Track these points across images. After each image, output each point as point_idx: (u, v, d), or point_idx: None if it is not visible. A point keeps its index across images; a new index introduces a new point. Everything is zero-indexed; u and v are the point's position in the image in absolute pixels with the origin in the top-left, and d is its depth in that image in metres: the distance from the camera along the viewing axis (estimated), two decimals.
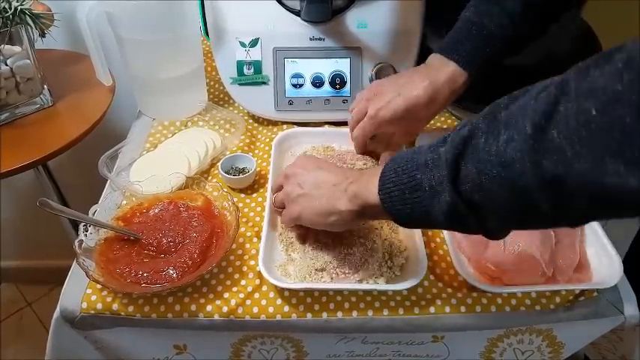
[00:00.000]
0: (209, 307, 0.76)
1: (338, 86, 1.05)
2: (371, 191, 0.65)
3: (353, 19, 1.02)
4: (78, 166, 1.51)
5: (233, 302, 0.77)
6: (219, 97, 1.17)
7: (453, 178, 0.54)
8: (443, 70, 0.85)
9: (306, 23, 1.02)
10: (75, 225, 0.80)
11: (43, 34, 1.11)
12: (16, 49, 1.05)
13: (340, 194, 0.70)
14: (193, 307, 0.76)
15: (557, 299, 0.77)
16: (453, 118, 1.09)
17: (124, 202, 0.88)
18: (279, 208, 0.82)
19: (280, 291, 0.78)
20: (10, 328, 1.91)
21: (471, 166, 0.52)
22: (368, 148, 0.93)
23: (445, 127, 1.08)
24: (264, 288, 0.79)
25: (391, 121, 0.86)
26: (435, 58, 0.87)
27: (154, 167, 0.94)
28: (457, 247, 0.82)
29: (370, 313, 0.76)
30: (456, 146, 0.54)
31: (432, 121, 1.08)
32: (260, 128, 1.09)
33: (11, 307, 1.97)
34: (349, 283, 0.77)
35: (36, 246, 1.87)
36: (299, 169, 0.78)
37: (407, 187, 0.59)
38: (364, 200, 0.67)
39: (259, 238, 0.83)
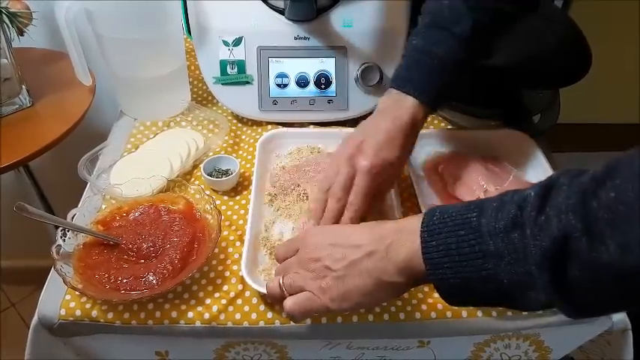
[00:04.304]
0: (190, 314, 0.75)
1: (323, 86, 1.03)
2: (419, 265, 0.56)
3: (338, 17, 1.01)
4: (59, 167, 1.49)
5: (215, 308, 0.75)
6: (202, 97, 1.15)
7: (553, 281, 0.47)
8: (403, 108, 0.80)
9: (290, 22, 1.01)
10: (58, 226, 0.78)
11: (21, 33, 1.09)
12: None
13: (384, 263, 0.59)
14: (174, 314, 0.75)
15: None
16: (445, 122, 1.08)
17: (104, 205, 0.86)
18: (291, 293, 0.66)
19: (263, 297, 0.76)
20: None
21: (577, 273, 0.46)
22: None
23: (427, 125, 1.07)
24: (247, 293, 0.77)
25: (383, 170, 0.79)
26: (391, 95, 0.82)
27: (135, 169, 0.92)
28: None
29: (355, 319, 0.75)
30: (547, 249, 0.46)
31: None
32: (244, 129, 1.07)
33: None
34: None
35: (19, 246, 1.85)
36: (316, 248, 0.65)
37: (473, 277, 0.52)
38: (415, 274, 0.57)
39: (242, 242, 0.82)
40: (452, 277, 0.53)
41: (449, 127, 1.06)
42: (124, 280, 0.75)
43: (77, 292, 0.74)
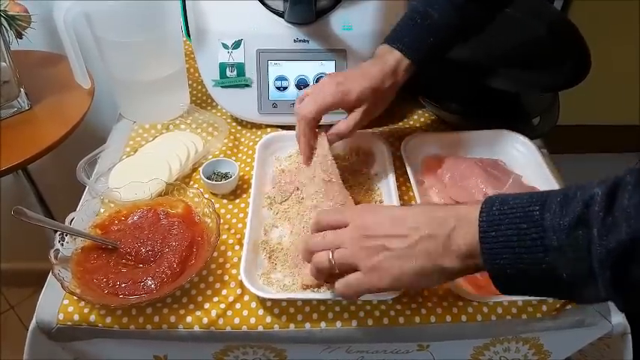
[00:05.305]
0: (189, 319, 0.74)
1: None
2: (476, 254, 0.57)
3: (338, 20, 1.00)
4: (58, 170, 1.49)
5: (214, 313, 0.75)
6: (201, 100, 1.15)
7: (613, 280, 0.48)
8: (389, 57, 0.86)
9: (290, 25, 1.00)
10: (56, 230, 0.78)
11: (19, 36, 1.08)
12: None
13: (445, 248, 0.59)
14: (173, 319, 0.74)
15: (544, 308, 0.76)
16: (444, 124, 1.08)
17: (102, 209, 0.86)
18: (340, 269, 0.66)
19: (262, 301, 0.76)
20: None
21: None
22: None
23: (427, 128, 1.06)
24: (246, 298, 0.77)
25: (358, 100, 0.85)
26: (381, 48, 0.88)
27: (133, 172, 0.92)
28: None
29: (354, 323, 0.75)
30: (613, 249, 0.47)
31: (418, 124, 1.07)
32: (243, 132, 1.07)
33: None
34: (333, 292, 0.75)
35: (18, 249, 1.85)
36: (373, 226, 0.64)
37: (532, 269, 0.53)
38: (472, 262, 0.58)
39: (242, 245, 0.81)
40: (509, 267, 0.54)
41: (448, 130, 1.06)
42: (123, 285, 0.74)
43: (75, 297, 0.74)
